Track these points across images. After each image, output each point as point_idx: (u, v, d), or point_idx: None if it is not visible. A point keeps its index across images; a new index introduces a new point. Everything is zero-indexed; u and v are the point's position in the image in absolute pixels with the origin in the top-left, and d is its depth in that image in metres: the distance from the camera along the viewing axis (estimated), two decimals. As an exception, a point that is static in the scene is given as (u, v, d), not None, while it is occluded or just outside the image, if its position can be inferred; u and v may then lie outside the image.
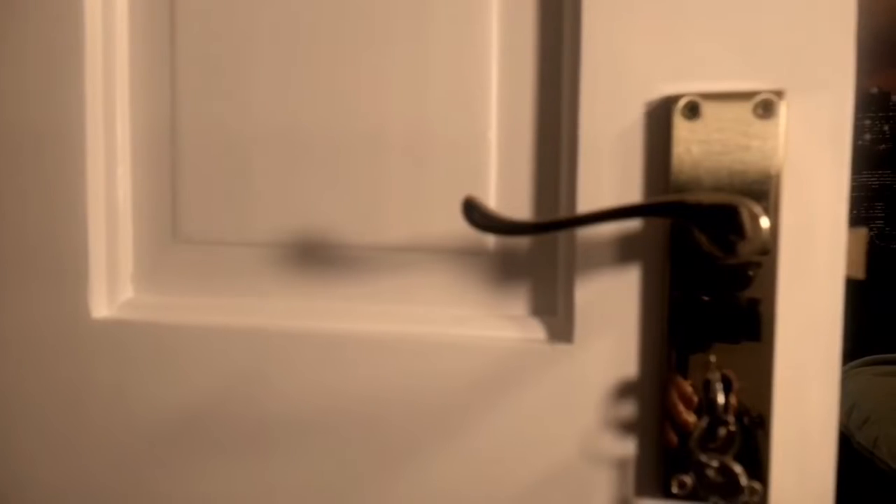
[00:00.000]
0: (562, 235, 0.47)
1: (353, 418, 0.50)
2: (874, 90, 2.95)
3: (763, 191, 0.41)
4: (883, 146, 2.97)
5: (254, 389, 0.51)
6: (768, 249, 0.40)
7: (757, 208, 0.37)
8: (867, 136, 2.98)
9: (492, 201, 0.48)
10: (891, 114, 2.93)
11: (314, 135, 0.51)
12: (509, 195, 0.48)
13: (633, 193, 0.43)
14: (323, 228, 0.51)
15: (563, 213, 0.46)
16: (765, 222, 0.37)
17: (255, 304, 0.52)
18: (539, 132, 0.47)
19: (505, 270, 0.49)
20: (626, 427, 0.45)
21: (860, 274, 0.43)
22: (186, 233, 0.54)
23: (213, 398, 0.52)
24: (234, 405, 0.52)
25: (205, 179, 0.53)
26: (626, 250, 0.44)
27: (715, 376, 0.41)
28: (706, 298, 0.43)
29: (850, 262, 0.43)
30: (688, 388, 0.43)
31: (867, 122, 2.98)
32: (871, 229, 2.96)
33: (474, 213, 0.39)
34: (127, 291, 0.56)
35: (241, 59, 0.52)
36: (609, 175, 0.44)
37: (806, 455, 0.43)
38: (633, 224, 0.44)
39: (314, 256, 0.52)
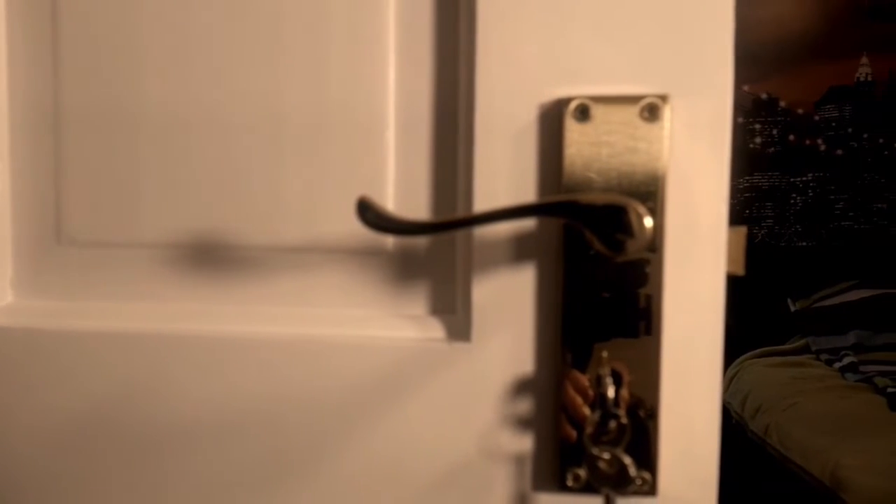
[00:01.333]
0: (460, 235, 0.47)
1: (251, 423, 0.49)
2: (764, 96, 3.12)
3: (650, 191, 0.42)
4: (772, 149, 3.14)
5: (145, 397, 0.50)
6: (654, 248, 0.42)
7: (642, 208, 0.38)
8: (758, 140, 3.14)
9: (390, 201, 0.48)
10: (779, 118, 3.11)
11: (207, 127, 0.49)
12: (407, 195, 0.48)
13: (527, 193, 0.44)
14: (217, 228, 0.50)
15: (460, 213, 0.46)
16: (649, 222, 0.39)
17: (146, 308, 0.51)
18: (437, 133, 0.48)
19: (404, 270, 0.49)
20: (524, 423, 0.46)
21: (740, 270, 0.45)
22: (71, 233, 0.51)
23: (103, 406, 0.50)
24: (125, 413, 0.50)
25: (90, 175, 0.51)
26: (521, 249, 0.45)
27: (605, 371, 0.43)
28: (598, 295, 0.44)
29: (731, 260, 0.45)
30: (582, 383, 0.44)
31: (758, 126, 3.15)
32: (762, 228, 3.13)
33: (368, 213, 0.38)
34: (6, 297, 0.53)
35: (128, 40, 0.50)
36: (504, 175, 0.44)
37: (692, 443, 0.45)
38: (528, 223, 0.45)
39: (208, 258, 0.50)
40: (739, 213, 3.09)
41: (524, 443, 0.46)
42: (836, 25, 2.99)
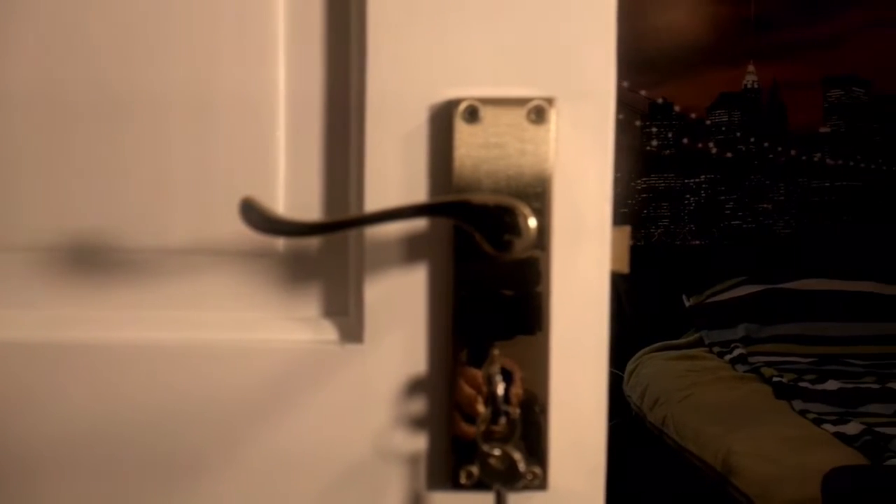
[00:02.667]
0: (352, 236, 0.47)
1: (140, 433, 0.47)
2: (660, 101, 3.25)
3: (537, 192, 0.43)
4: (668, 151, 3.28)
5: (24, 410, 0.47)
6: (542, 247, 0.43)
7: (527, 209, 0.39)
8: (654, 143, 3.27)
9: (280, 201, 0.47)
10: (674, 122, 3.24)
11: (87, 120, 0.47)
12: (299, 194, 0.47)
13: (418, 194, 0.44)
14: (98, 229, 0.48)
15: (351, 213, 0.46)
16: (533, 222, 0.40)
17: (20, 315, 0.48)
18: (328, 132, 0.47)
19: (296, 272, 0.48)
20: (418, 423, 0.47)
21: (625, 268, 0.47)
22: (-65, 237, 0.48)
23: (-27, 420, 0.47)
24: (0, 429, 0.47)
25: (-42, 178, 0.48)
26: (413, 250, 0.45)
27: (495, 369, 0.43)
28: (489, 294, 0.45)
29: (616, 258, 0.47)
30: (475, 381, 0.45)
31: (654, 129, 3.28)
32: (658, 227, 3.26)
33: (252, 214, 0.38)
34: None
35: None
36: (396, 176, 0.44)
37: (581, 436, 0.46)
38: (420, 224, 0.45)
39: (88, 261, 0.48)
40: (637, 212, 3.20)
41: (418, 442, 0.47)
42: (725, 35, 3.15)
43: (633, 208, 3.20)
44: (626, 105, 3.13)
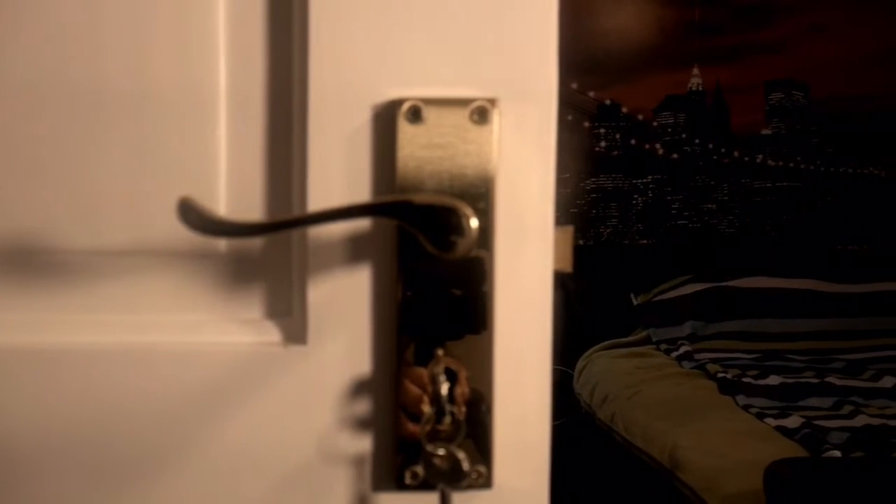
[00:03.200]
0: (295, 236, 0.46)
1: (80, 440, 0.46)
2: (608, 102, 3.30)
3: (480, 193, 0.44)
4: (616, 152, 3.33)
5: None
6: (486, 247, 0.43)
7: (469, 209, 0.39)
8: (603, 144, 3.32)
9: (222, 201, 0.46)
10: (622, 123, 3.29)
11: (17, 110, 0.46)
12: (240, 194, 0.47)
13: (362, 194, 0.44)
14: (29, 230, 0.46)
15: (294, 213, 0.46)
16: (475, 222, 0.40)
17: (-52, 318, 0.46)
18: (271, 132, 0.47)
19: (238, 273, 0.48)
20: (363, 424, 0.46)
21: (568, 267, 0.48)
22: None
23: None
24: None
25: None
26: (357, 250, 0.45)
27: (439, 368, 0.43)
28: (433, 294, 0.45)
29: (560, 258, 0.47)
30: (420, 381, 0.45)
31: (602, 130, 3.33)
32: (607, 227, 3.31)
33: (190, 214, 0.37)
34: None
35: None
36: (339, 176, 0.44)
37: (525, 434, 0.47)
38: (363, 224, 0.45)
39: (20, 264, 0.47)
40: (586, 212, 3.25)
41: (363, 443, 0.46)
42: (671, 38, 3.22)
43: (582, 208, 3.24)
44: (575, 106, 3.17)
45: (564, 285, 3.13)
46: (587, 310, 3.06)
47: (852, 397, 2.11)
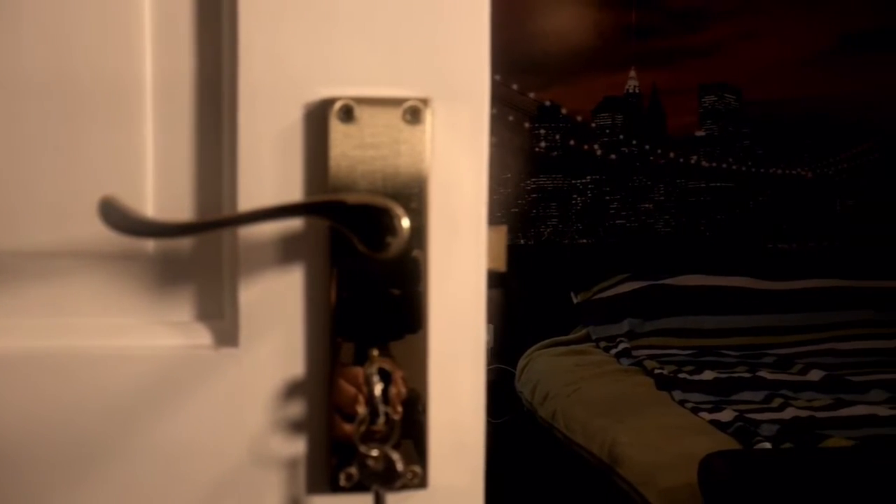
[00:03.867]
0: (226, 237, 0.46)
1: (2, 448, 0.44)
2: (547, 103, 3.33)
3: (413, 193, 0.44)
4: (555, 153, 3.37)
5: None
6: (420, 247, 0.43)
7: (400, 209, 0.39)
8: (543, 144, 3.36)
9: (149, 200, 0.45)
10: (561, 124, 3.34)
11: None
12: (169, 193, 0.45)
13: (293, 194, 0.44)
14: (-56, 233, 0.44)
15: (224, 213, 0.45)
16: (406, 222, 0.40)
17: None
18: (200, 129, 0.46)
19: (167, 274, 0.46)
20: (296, 426, 0.46)
21: (502, 267, 0.48)
22: None
23: None
24: None
25: None
26: (290, 250, 0.45)
27: (373, 369, 0.43)
28: (367, 295, 0.44)
29: (493, 257, 0.47)
30: (355, 382, 0.45)
31: (542, 131, 3.36)
32: (547, 227, 3.35)
33: (113, 214, 0.36)
34: None
35: None
36: (270, 175, 0.44)
37: (460, 434, 0.47)
38: (295, 224, 0.44)
39: (-67, 266, 0.45)
40: (527, 212, 3.28)
41: (297, 446, 0.46)
42: (609, 41, 3.27)
43: (522, 208, 3.27)
44: (516, 107, 3.20)
45: (506, 284, 3.16)
46: (528, 309, 3.09)
47: (782, 391, 2.18)
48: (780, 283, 2.97)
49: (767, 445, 1.71)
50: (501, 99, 3.11)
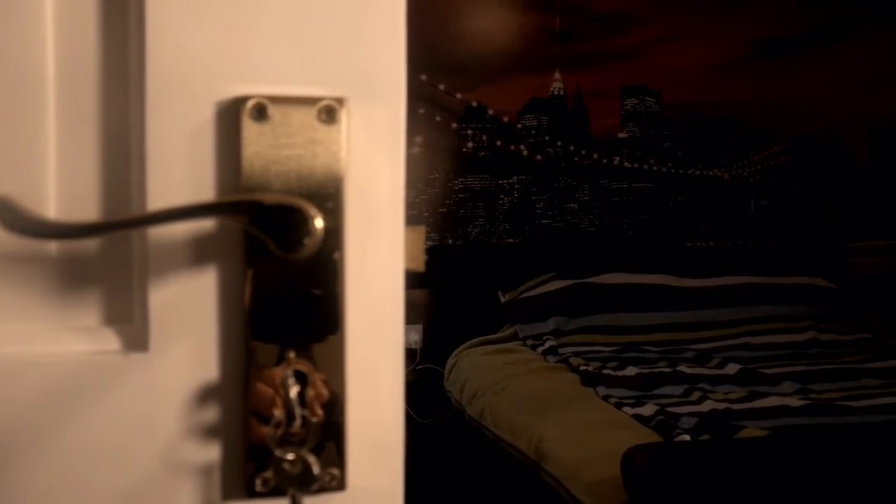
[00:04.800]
0: (135, 238, 0.44)
1: None
2: (474, 104, 3.36)
3: (329, 193, 0.43)
4: (482, 153, 3.40)
5: None
6: (333, 248, 0.43)
7: (314, 209, 0.39)
8: (470, 144, 3.38)
9: (51, 200, 0.43)
10: (488, 125, 3.37)
11: None
12: (73, 192, 0.44)
13: (206, 193, 0.43)
14: None
15: (132, 213, 0.43)
16: (319, 223, 0.39)
17: None
18: (106, 126, 0.44)
19: (73, 277, 0.45)
20: (211, 432, 0.45)
21: (421, 267, 0.48)
22: None
23: None
24: None
25: None
26: (202, 252, 0.43)
27: (289, 372, 0.43)
28: (283, 296, 0.44)
29: (412, 257, 0.47)
30: (272, 385, 0.44)
31: (469, 132, 3.39)
32: (475, 226, 3.37)
33: (8, 214, 0.34)
34: None
35: None
36: (180, 175, 0.42)
37: (379, 435, 0.47)
38: (208, 225, 0.43)
39: None
40: (455, 212, 3.29)
41: (212, 452, 0.45)
42: (534, 43, 3.32)
43: (450, 208, 3.28)
44: (443, 107, 3.21)
45: (434, 284, 3.17)
46: (456, 308, 3.11)
47: (700, 384, 2.26)
48: (698, 280, 3.07)
49: (687, 438, 1.77)
50: (428, 99, 3.12)
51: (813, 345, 2.74)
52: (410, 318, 3.18)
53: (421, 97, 3.10)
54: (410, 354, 3.13)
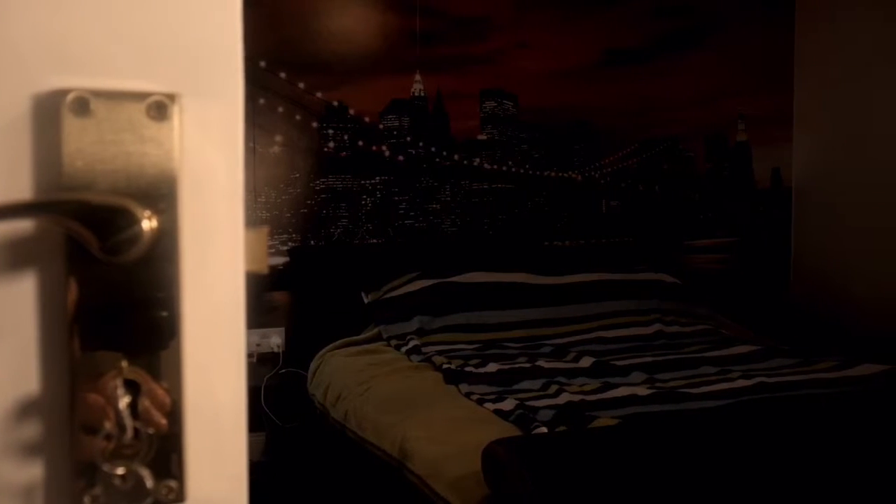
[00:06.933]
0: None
1: None
2: (335, 104, 3.32)
3: (162, 193, 0.41)
4: (344, 153, 3.37)
5: None
6: (167, 251, 0.41)
7: (140, 209, 0.37)
8: (331, 144, 3.34)
9: None
10: (350, 125, 3.34)
11: None
12: None
13: (22, 193, 0.40)
14: None
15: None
16: (147, 224, 0.38)
17: None
18: None
19: None
20: (31, 449, 0.42)
21: (264, 269, 0.47)
22: None
23: None
24: None
25: None
26: (18, 256, 0.40)
27: (118, 382, 0.40)
28: (113, 302, 0.41)
29: (254, 259, 0.46)
30: (102, 396, 0.41)
31: (331, 131, 3.35)
32: (338, 227, 3.34)
33: None
34: None
35: None
36: (-8, 173, 0.39)
37: (220, 443, 0.45)
38: (25, 227, 0.40)
39: None
40: (317, 213, 3.25)
41: (34, 471, 0.42)
42: (395, 45, 3.33)
43: (312, 209, 3.23)
44: (304, 106, 3.15)
45: (295, 286, 3.11)
46: (319, 310, 3.06)
47: (558, 378, 2.34)
48: (555, 278, 3.19)
49: (544, 430, 1.83)
50: (288, 97, 3.06)
51: (659, 336, 2.91)
52: (272, 321, 3.12)
53: (280, 95, 3.03)
54: (273, 358, 3.06)
